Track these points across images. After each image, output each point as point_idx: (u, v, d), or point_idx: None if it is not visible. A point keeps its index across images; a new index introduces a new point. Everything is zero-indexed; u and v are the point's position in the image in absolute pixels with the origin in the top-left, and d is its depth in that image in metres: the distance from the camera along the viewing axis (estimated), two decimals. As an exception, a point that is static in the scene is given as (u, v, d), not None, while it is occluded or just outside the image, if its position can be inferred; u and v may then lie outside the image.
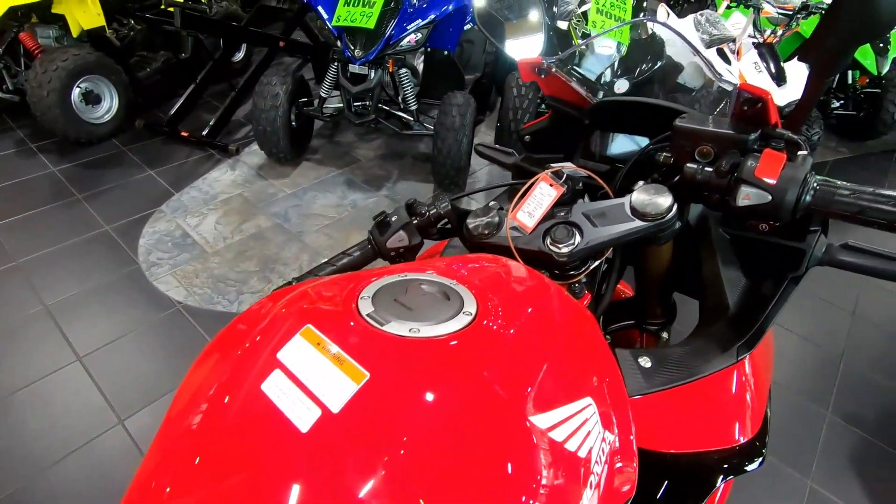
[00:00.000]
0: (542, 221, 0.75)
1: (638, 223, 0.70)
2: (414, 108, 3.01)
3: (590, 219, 0.73)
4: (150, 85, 3.59)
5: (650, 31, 3.53)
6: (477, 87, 3.58)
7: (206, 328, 2.10)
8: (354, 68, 2.76)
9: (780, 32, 3.40)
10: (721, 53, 3.34)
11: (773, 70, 3.31)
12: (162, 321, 2.13)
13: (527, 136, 1.07)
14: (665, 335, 0.94)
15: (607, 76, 2.69)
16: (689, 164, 0.68)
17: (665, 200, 0.68)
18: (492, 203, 0.86)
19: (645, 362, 0.65)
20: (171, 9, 2.98)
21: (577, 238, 0.72)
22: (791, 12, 3.29)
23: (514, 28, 1.13)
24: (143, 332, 2.07)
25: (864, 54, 4.01)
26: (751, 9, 3.27)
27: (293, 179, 3.08)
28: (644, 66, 3.01)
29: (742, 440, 0.64)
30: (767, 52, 3.31)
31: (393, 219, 0.79)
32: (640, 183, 0.78)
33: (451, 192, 2.95)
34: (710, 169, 0.66)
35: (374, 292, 0.54)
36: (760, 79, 3.26)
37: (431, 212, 0.80)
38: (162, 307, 2.18)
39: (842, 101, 4.24)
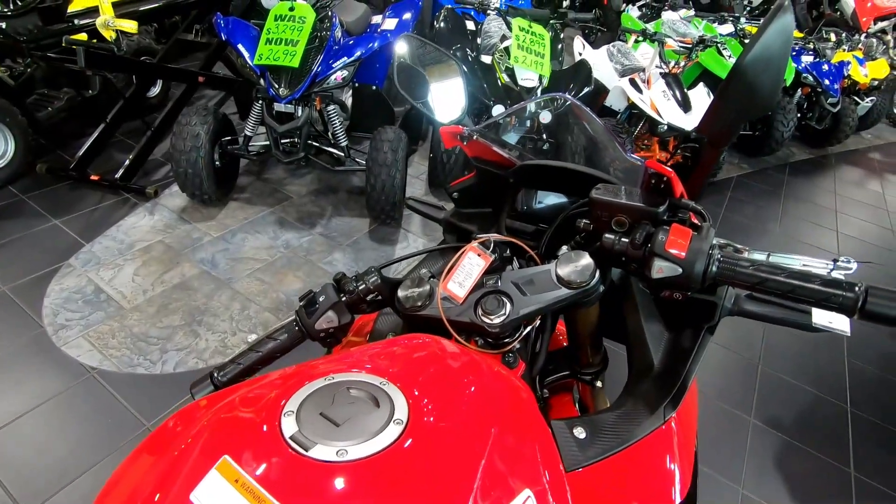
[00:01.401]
0: (472, 291, 0.75)
1: (564, 291, 0.72)
2: (344, 143, 2.98)
3: (519, 287, 0.74)
4: (52, 125, 3.31)
5: (577, 58, 3.73)
6: (407, 120, 3.61)
7: (125, 395, 1.92)
8: (280, 107, 2.69)
9: (682, 63, 3.71)
10: (633, 83, 3.59)
11: (679, 97, 3.60)
12: (73, 391, 1.92)
13: (455, 193, 1.08)
14: (599, 383, 0.96)
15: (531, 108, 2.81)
16: (607, 235, 0.71)
17: (587, 268, 0.71)
18: (422, 272, 0.85)
19: (580, 433, 0.66)
20: (74, 47, 2.77)
21: (508, 308, 0.73)
22: (690, 45, 3.60)
23: (433, 75, 1.14)
24: (50, 407, 1.86)
25: (755, 80, 4.46)
26: (656, 42, 3.54)
27: (220, 221, 2.94)
28: (569, 93, 3.19)
29: (677, 501, 0.66)
30: (673, 81, 3.61)
31: (321, 299, 0.76)
32: (564, 249, 0.80)
33: (378, 263, 2.92)
34: (626, 240, 0.69)
35: (298, 404, 0.51)
36: (669, 105, 3.53)
37: (360, 287, 0.78)
38: (73, 375, 1.98)
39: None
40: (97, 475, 1.66)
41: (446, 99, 1.11)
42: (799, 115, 4.85)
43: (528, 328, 0.79)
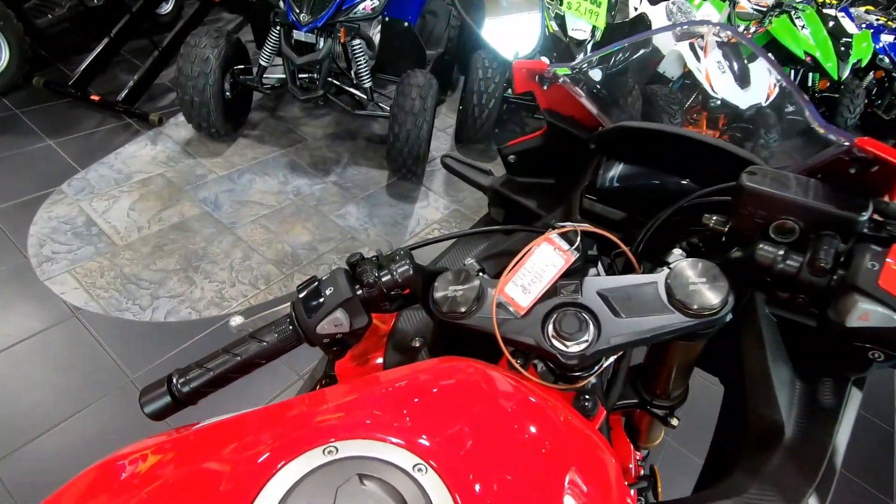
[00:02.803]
0: (541, 300, 0.52)
1: (678, 318, 0.49)
2: (368, 85, 2.68)
3: (609, 303, 0.52)
4: (52, 36, 3.03)
5: (632, 13, 3.33)
6: (439, 65, 3.28)
7: (109, 341, 1.76)
8: (300, 35, 2.39)
9: (752, 29, 3.30)
10: (693, 48, 3.21)
11: (737, 70, 3.21)
12: (53, 332, 1.76)
13: (510, 156, 0.83)
14: (675, 421, 0.75)
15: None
16: (764, 247, 0.47)
17: (719, 290, 0.48)
18: (468, 262, 0.62)
19: None
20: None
21: (592, 332, 0.51)
22: (766, 8, 3.18)
23: (498, 7, 0.87)
24: (26, 347, 1.70)
25: (826, 57, 4.02)
26: (727, 1, 3.13)
27: (227, 159, 2.70)
28: (622, 54, 2.83)
29: None
30: (731, 51, 3.21)
31: (327, 291, 0.54)
32: (676, 253, 0.56)
33: (409, 242, 2.66)
34: (798, 259, 0.46)
35: (282, 497, 0.30)
36: (724, 79, 3.15)
37: (384, 279, 0.56)
38: (55, 315, 1.81)
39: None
40: (72, 429, 1.51)
41: (516, 32, 0.84)
42: (866, 101, 4.41)
43: (613, 358, 0.57)
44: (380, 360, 0.65)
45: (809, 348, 0.58)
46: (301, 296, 0.55)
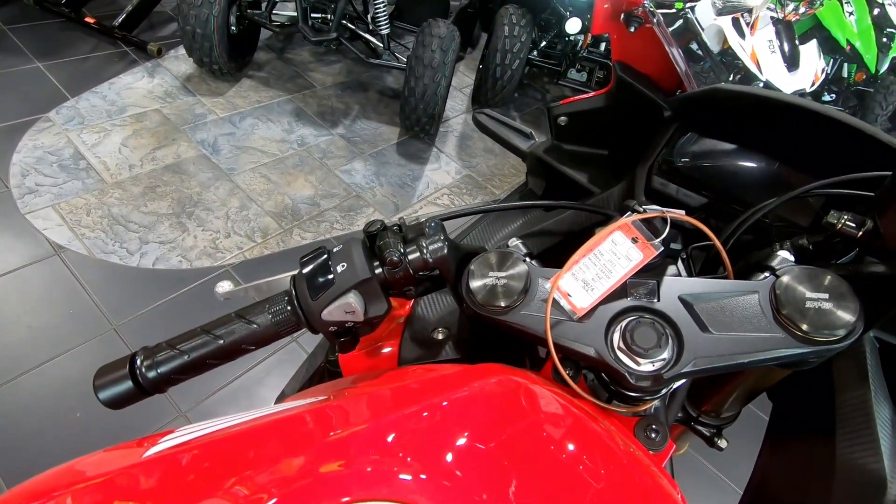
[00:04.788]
0: (605, 300, 0.41)
1: (786, 341, 0.39)
2: (385, 32, 2.49)
3: (694, 312, 0.41)
4: (46, -53, 2.78)
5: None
6: (462, 17, 3.05)
7: (95, 287, 1.65)
8: (316, -32, 2.19)
9: (802, 10, 3.07)
10: (736, 24, 2.99)
11: (788, 51, 3.01)
12: (33, 270, 1.65)
13: (562, 117, 0.70)
14: (723, 443, 0.66)
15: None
16: None
17: (846, 313, 0.37)
18: (513, 244, 0.51)
19: None
20: None
21: (671, 348, 0.40)
22: (818, -13, 2.95)
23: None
24: (3, 285, 1.59)
25: (867, 48, 3.79)
26: (777, -25, 2.90)
27: (228, 100, 2.52)
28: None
29: None
30: (784, 30, 3.00)
31: (339, 268, 0.42)
32: (783, 256, 0.45)
33: (441, 210, 2.51)
34: None
35: None
36: (773, 59, 2.96)
37: (412, 257, 0.44)
38: (36, 250, 1.70)
39: (834, 96, 4.07)
40: (47, 374, 1.42)
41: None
42: (901, 98, 4.20)
43: (683, 380, 0.47)
44: (391, 350, 0.54)
45: None
46: (305, 270, 0.43)
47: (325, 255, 0.44)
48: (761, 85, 2.93)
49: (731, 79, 3.14)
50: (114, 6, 2.78)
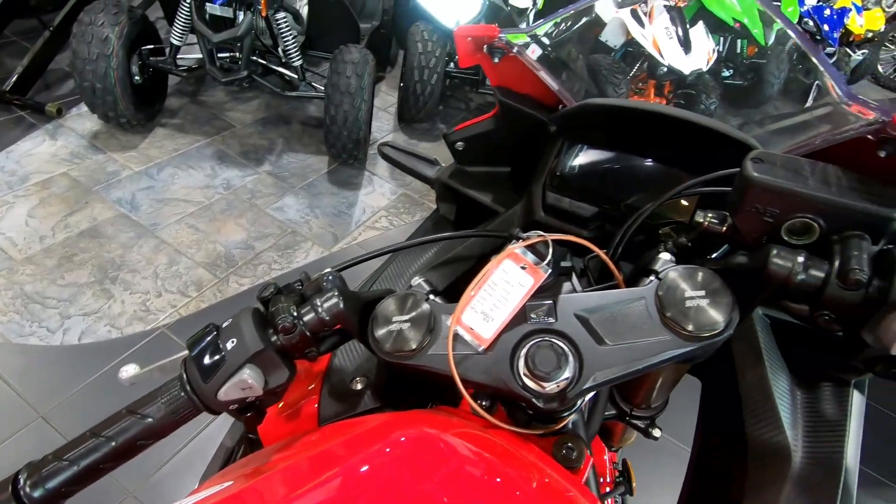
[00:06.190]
0: (508, 328, 0.42)
1: (673, 342, 0.40)
2: (298, 63, 2.46)
3: (590, 327, 0.42)
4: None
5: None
6: (375, 39, 3.07)
7: (15, 375, 1.52)
8: (214, 9, 2.14)
9: (687, -4, 3.29)
10: (635, 15, 3.17)
11: (681, 36, 3.21)
12: (-60, 369, 1.50)
13: (458, 143, 0.71)
14: (657, 432, 0.68)
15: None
16: (778, 254, 0.38)
17: (721, 308, 0.39)
18: (416, 283, 0.51)
19: None
20: None
21: (572, 366, 0.41)
22: (700, -26, 3.17)
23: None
24: None
25: (753, 23, 4.11)
26: (663, -33, 3.09)
27: (143, 152, 2.41)
28: (564, 24, 2.73)
29: None
30: (678, 16, 3.20)
31: (229, 344, 0.41)
32: (665, 258, 0.47)
33: (336, 262, 2.47)
34: (822, 269, 0.37)
35: None
36: (671, 45, 3.15)
37: (307, 318, 0.43)
38: (-60, 347, 1.55)
39: (731, 71, 4.37)
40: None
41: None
42: (790, 65, 4.57)
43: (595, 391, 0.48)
44: (311, 409, 0.52)
45: (805, 349, 0.51)
46: (194, 353, 0.42)
47: (214, 333, 0.42)
48: (665, 70, 3.10)
49: (639, 66, 3.31)
50: (3, 69, 2.61)
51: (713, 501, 0.54)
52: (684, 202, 0.53)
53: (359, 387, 0.53)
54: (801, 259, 0.37)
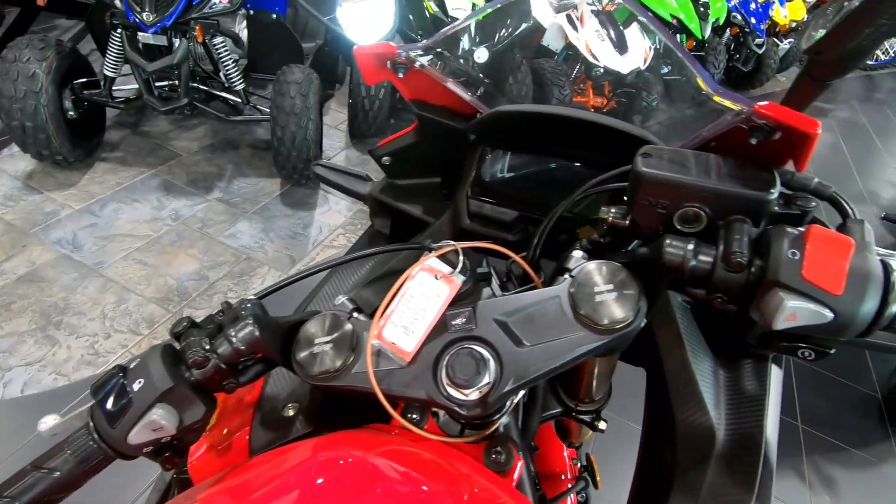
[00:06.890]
0: (429, 340, 0.42)
1: (588, 337, 0.41)
2: (241, 87, 2.42)
3: (508, 330, 0.42)
4: None
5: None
6: (320, 58, 3.06)
7: (-52, 436, 1.42)
8: (147, 38, 2.08)
9: (617, 0, 3.42)
10: (570, 20, 3.26)
11: (614, 37, 3.32)
12: None
13: (384, 157, 0.71)
14: (602, 424, 0.69)
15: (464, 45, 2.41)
16: (671, 243, 0.40)
17: (629, 298, 0.40)
18: (339, 302, 0.50)
19: None
20: None
21: (493, 370, 0.42)
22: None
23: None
24: None
25: (690, 18, 4.31)
26: (595, -29, 3.20)
27: (83, 189, 2.32)
28: (505, 31, 2.79)
29: None
30: (607, 19, 3.31)
31: (136, 385, 0.39)
32: (577, 256, 0.48)
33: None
34: (710, 254, 0.39)
35: None
36: (603, 46, 3.25)
37: (221, 350, 0.42)
38: None
39: (671, 66, 4.56)
40: None
41: (368, 15, 0.72)
42: (726, 56, 4.80)
43: (522, 392, 0.48)
44: (242, 441, 0.51)
45: (724, 327, 0.52)
46: (98, 398, 0.40)
47: (120, 375, 0.40)
48: (601, 71, 3.20)
49: (578, 68, 3.41)
50: (-78, 114, 2.46)
51: (655, 487, 0.55)
52: (598, 200, 0.54)
53: (290, 413, 0.52)
54: (690, 246, 0.38)
